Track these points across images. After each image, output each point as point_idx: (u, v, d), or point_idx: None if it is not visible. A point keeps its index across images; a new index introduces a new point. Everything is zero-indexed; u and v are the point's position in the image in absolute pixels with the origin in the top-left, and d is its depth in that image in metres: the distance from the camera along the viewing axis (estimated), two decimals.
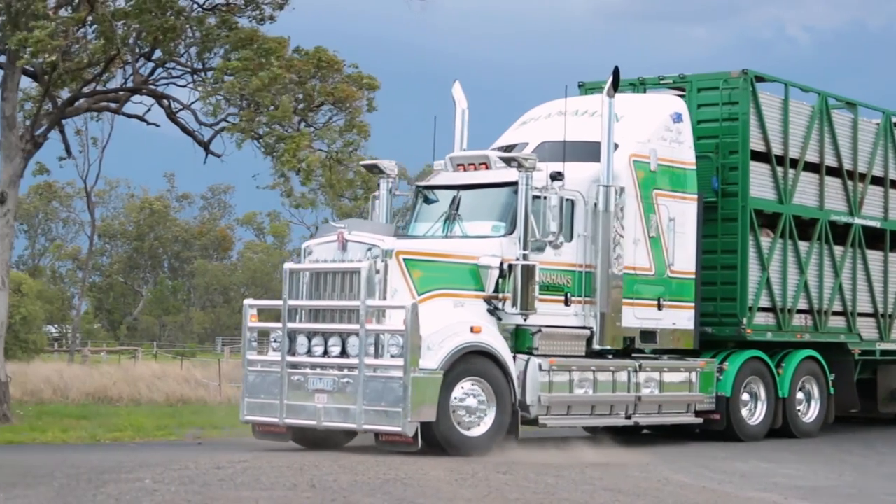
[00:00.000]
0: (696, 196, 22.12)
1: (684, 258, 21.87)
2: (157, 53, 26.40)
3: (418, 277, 18.96)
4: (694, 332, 22.09)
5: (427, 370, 18.22)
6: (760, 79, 23.81)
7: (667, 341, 21.76)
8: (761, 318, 23.55)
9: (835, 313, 25.27)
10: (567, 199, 20.31)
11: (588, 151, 20.69)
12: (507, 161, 19.88)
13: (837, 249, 25.31)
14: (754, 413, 23.16)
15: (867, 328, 26.03)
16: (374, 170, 21.50)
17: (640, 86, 23.98)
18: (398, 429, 18.04)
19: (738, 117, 23.18)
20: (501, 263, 19.42)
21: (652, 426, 22.54)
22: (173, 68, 27.14)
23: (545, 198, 19.64)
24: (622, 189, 20.77)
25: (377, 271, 18.71)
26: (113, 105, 27.74)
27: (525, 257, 19.54)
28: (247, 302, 20.20)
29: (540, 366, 19.66)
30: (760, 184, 23.54)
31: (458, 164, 20.95)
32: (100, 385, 34.35)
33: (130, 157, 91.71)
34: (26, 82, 27.15)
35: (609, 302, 20.60)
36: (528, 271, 19.39)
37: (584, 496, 15.10)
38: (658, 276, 21.49)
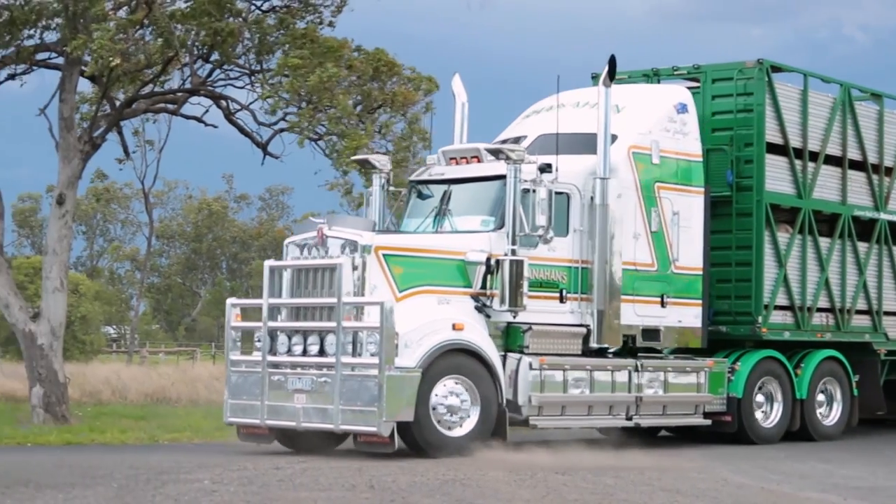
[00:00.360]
0: (702, 189, 21.32)
1: (690, 254, 21.08)
2: (215, 55, 26.21)
3: (399, 273, 18.37)
4: (702, 330, 21.29)
5: (404, 368, 17.63)
6: (777, 69, 22.97)
7: (672, 340, 20.99)
8: (778, 317, 22.68)
9: (859, 312, 24.34)
10: (561, 193, 19.67)
11: (586, 143, 20.02)
12: (495, 153, 19.26)
13: (862, 246, 24.36)
14: (769, 415, 22.30)
15: (894, 328, 25.09)
16: (366, 165, 20.96)
17: (653, 76, 23.21)
18: (374, 429, 17.47)
19: (753, 109, 22.32)
20: (488, 259, 18.80)
21: (670, 428, 21.88)
22: (231, 69, 27.06)
23: (534, 191, 18.99)
24: (621, 182, 20.09)
25: (355, 267, 18.19)
26: (171, 106, 27.77)
27: (513, 252, 18.90)
28: (230, 301, 19.71)
29: (530, 365, 18.99)
30: (777, 177, 22.69)
31: (451, 158, 20.35)
32: (158, 386, 34.22)
33: (189, 159, 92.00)
34: (83, 84, 27.32)
35: (606, 299, 19.90)
36: (516, 267, 18.73)
37: (643, 497, 14.93)
38: (661, 272, 20.72)
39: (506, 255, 18.83)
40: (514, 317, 19.04)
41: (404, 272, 18.43)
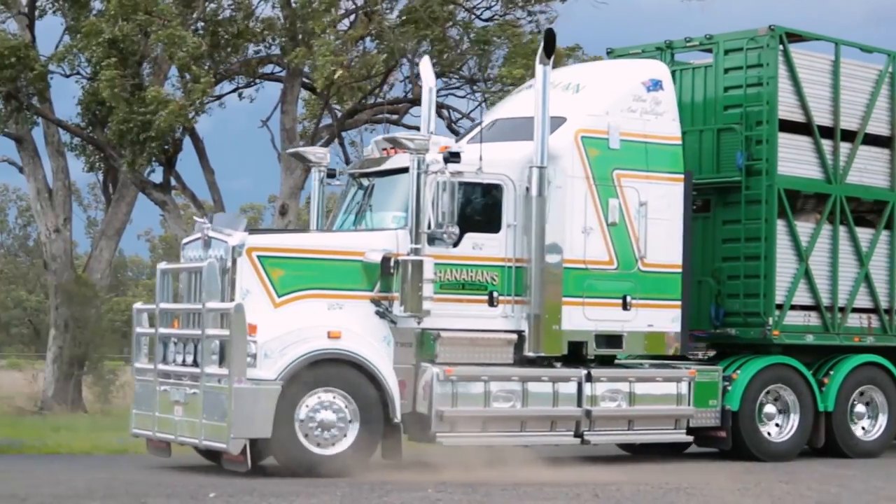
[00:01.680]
0: (680, 176, 18.83)
1: (665, 249, 18.63)
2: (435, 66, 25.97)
3: (279, 277, 16.80)
4: (681, 335, 18.84)
5: (261, 381, 16.13)
6: (796, 37, 20.15)
7: (638, 346, 18.62)
8: (798, 318, 19.92)
9: None
10: (492, 185, 17.72)
11: (533, 129, 17.98)
12: (393, 142, 17.49)
13: None
14: (783, 429, 19.64)
15: None
16: (301, 158, 19.43)
17: (667, 49, 20.70)
18: (224, 445, 16.10)
19: (764, 82, 19.66)
20: (384, 259, 17.08)
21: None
22: (452, 79, 26.83)
23: (440, 183, 17.12)
24: (563, 170, 17.93)
25: (227, 271, 16.82)
26: (392, 117, 27.94)
27: (416, 251, 17.08)
28: (136, 306, 18.65)
29: (438, 376, 17.19)
30: (797, 160, 19.96)
31: (383, 149, 18.62)
32: None
33: None
34: (305, 96, 28.50)
35: (543, 301, 17.79)
36: (415, 267, 16.93)
37: None
38: (623, 270, 18.36)
39: (408, 254, 17.11)
40: (419, 322, 17.19)
41: (285, 275, 16.85)
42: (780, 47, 19.61)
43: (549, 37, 17.84)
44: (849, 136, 20.44)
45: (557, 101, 18.22)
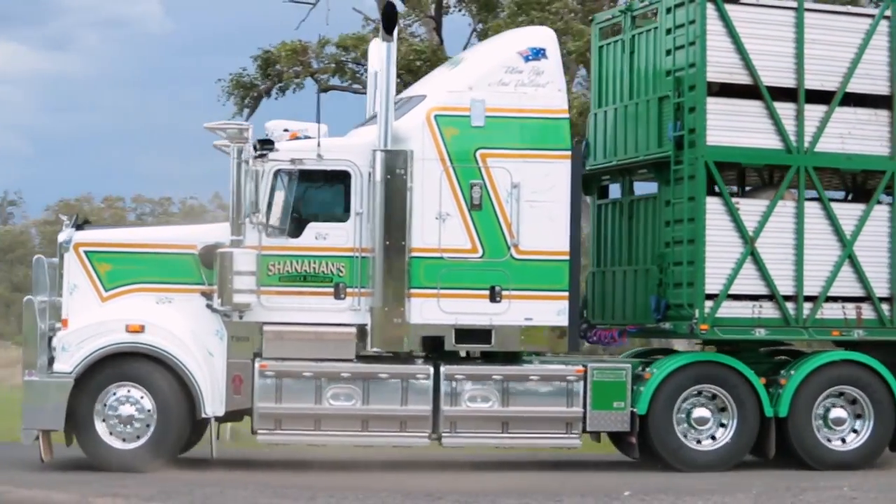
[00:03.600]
0: (566, 153, 16.99)
1: (545, 234, 16.92)
2: None
3: (106, 271, 16.92)
4: (569, 329, 17.01)
5: (55, 373, 16.38)
6: None
7: (513, 341, 16.99)
8: (745, 309, 17.33)
9: None
10: (338, 171, 16.92)
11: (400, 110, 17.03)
12: (214, 130, 17.05)
13: None
14: (716, 436, 17.22)
15: None
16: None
17: (627, 12, 18.74)
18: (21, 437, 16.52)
19: (696, 41, 17.28)
20: (200, 252, 16.76)
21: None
22: None
23: (257, 171, 16.59)
24: (411, 153, 16.78)
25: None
26: None
27: (236, 242, 16.63)
28: (27, 298, 17.70)
29: (258, 371, 16.65)
30: (742, 128, 17.39)
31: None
32: None
33: None
34: None
35: (385, 293, 16.72)
36: (227, 259, 16.51)
37: None
38: (491, 258, 16.86)
39: (249, 246, 16.67)
40: (241, 317, 16.74)
41: (113, 269, 16.95)
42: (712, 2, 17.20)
43: (389, 13, 16.76)
44: (824, 97, 17.58)
45: (433, 77, 17.15)
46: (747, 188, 18.74)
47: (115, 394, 16.49)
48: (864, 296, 17.67)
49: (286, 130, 17.28)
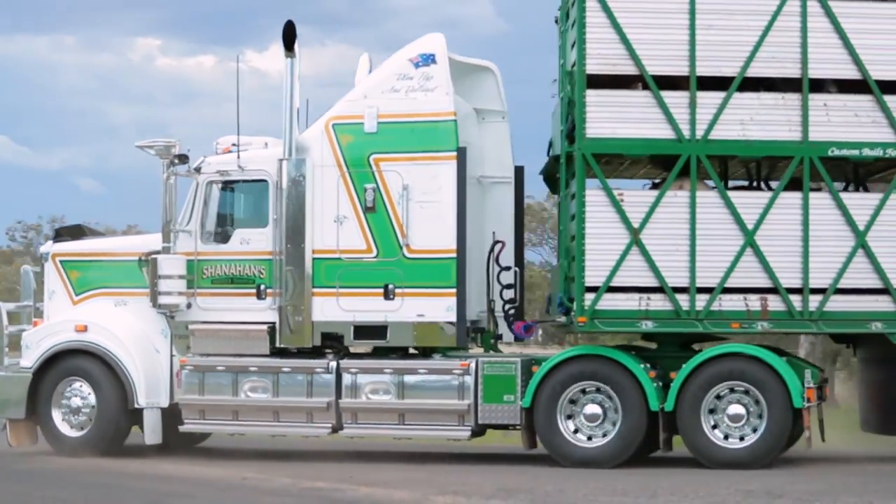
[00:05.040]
0: (451, 154, 17.45)
1: (434, 233, 17.53)
2: None
3: (76, 278, 19.09)
4: (458, 325, 17.41)
5: (19, 368, 18.68)
6: None
7: (407, 337, 17.64)
8: (632, 302, 17.05)
9: (858, 291, 16.83)
10: (256, 181, 18.29)
11: None
12: (143, 148, 18.68)
13: (854, 198, 16.85)
14: (601, 431, 17.08)
15: None
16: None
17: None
18: None
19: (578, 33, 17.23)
20: (138, 259, 18.54)
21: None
22: None
23: (167, 185, 18.29)
24: (309, 161, 17.82)
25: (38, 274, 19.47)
26: None
27: (166, 249, 18.34)
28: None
29: (182, 367, 18.25)
30: (630, 119, 17.13)
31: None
32: None
33: None
34: None
35: (288, 293, 17.85)
36: (152, 264, 18.25)
37: None
38: (385, 257, 17.65)
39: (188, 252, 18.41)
40: (173, 316, 18.43)
41: (80, 276, 19.09)
42: None
43: (288, 30, 17.91)
44: (722, 83, 17.01)
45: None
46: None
47: (70, 386, 18.58)
48: (770, 287, 16.97)
49: (234, 145, 18.77)
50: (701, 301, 16.95)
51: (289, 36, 17.91)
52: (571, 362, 17.20)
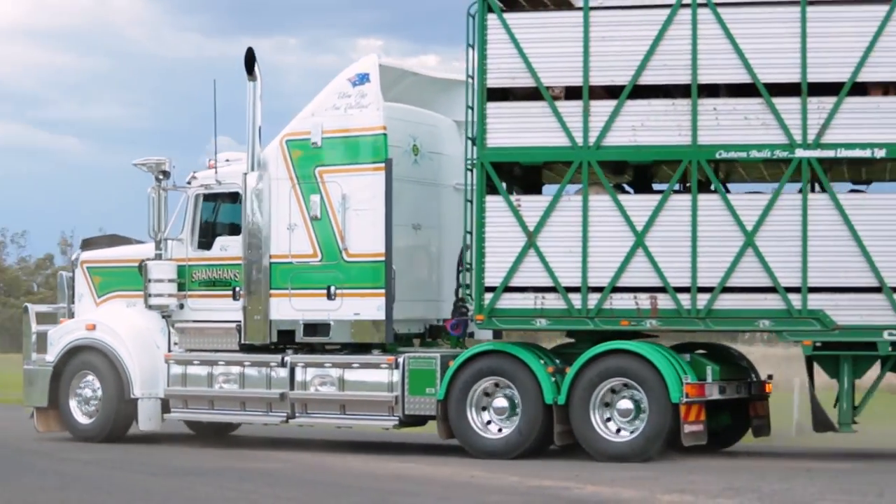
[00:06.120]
0: (381, 165, 18.88)
1: (367, 238, 19.04)
2: None
3: (98, 282, 21.51)
4: (386, 323, 18.81)
5: (45, 363, 21.17)
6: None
7: (346, 334, 19.18)
8: (528, 301, 18.05)
9: (752, 290, 17.47)
10: (230, 193, 20.24)
11: None
12: (138, 166, 20.78)
13: (742, 199, 17.68)
14: (504, 423, 18.19)
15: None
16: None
17: None
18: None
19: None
20: (138, 265, 20.69)
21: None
22: None
23: (151, 198, 20.49)
24: (262, 175, 19.60)
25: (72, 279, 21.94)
26: None
27: (158, 256, 20.51)
28: (25, 305, 22.64)
29: (166, 360, 20.35)
30: (530, 129, 18.16)
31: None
32: None
33: None
34: None
35: (250, 294, 19.68)
36: (144, 269, 20.43)
37: None
38: (327, 261, 19.27)
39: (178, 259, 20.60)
40: (163, 316, 20.56)
41: (102, 281, 21.50)
42: (483, 12, 18.16)
43: (248, 56, 19.73)
44: (615, 92, 17.78)
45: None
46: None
47: (84, 378, 20.94)
48: (659, 286, 17.61)
49: (227, 161, 20.79)
50: (593, 299, 17.82)
51: (249, 61, 19.76)
52: (480, 358, 18.32)
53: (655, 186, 18.97)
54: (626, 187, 18.55)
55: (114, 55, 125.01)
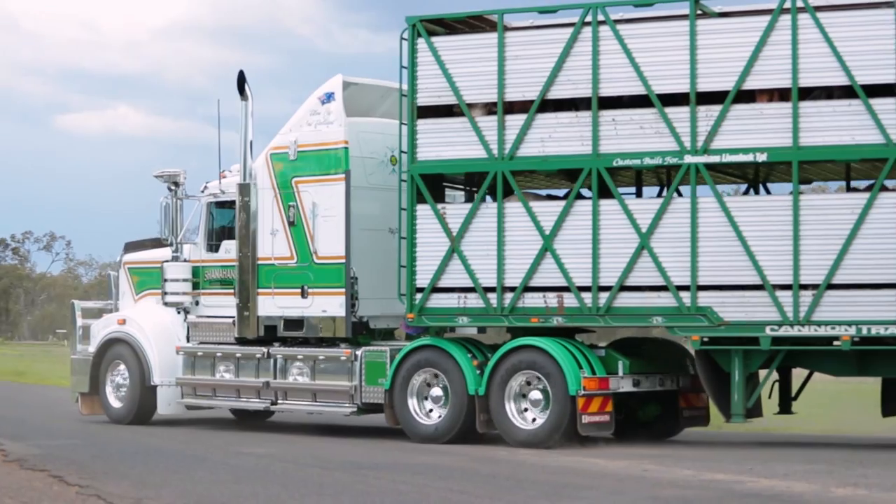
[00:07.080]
0: (342, 176, 20.87)
1: (331, 243, 21.06)
2: None
3: (136, 282, 24.10)
4: (346, 319, 20.76)
5: (87, 353, 23.90)
6: (441, 23, 20.19)
7: (316, 329, 21.24)
8: (452, 300, 19.80)
9: (651, 288, 18.79)
10: (234, 201, 22.46)
11: None
12: (157, 178, 23.20)
13: (636, 203, 19.04)
14: (437, 411, 19.91)
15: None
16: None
17: None
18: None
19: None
20: (161, 266, 23.17)
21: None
22: None
23: (163, 206, 22.96)
24: (251, 185, 21.78)
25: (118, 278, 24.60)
26: None
27: (175, 258, 22.98)
28: (72, 302, 25.90)
29: (177, 352, 22.79)
30: (455, 143, 19.87)
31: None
32: None
33: None
34: None
35: (242, 292, 21.88)
36: (162, 270, 22.94)
37: None
38: (301, 263, 21.39)
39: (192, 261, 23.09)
40: (178, 312, 23.01)
41: (139, 280, 24.08)
42: (412, 35, 19.92)
43: (240, 78, 21.94)
44: (525, 106, 19.28)
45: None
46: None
47: (117, 367, 23.60)
48: (565, 285, 18.99)
49: (229, 171, 23.15)
50: (507, 299, 19.37)
51: (241, 83, 22.00)
52: (419, 351, 20.07)
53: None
54: (584, 192, 19.77)
55: (284, 52, 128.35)
